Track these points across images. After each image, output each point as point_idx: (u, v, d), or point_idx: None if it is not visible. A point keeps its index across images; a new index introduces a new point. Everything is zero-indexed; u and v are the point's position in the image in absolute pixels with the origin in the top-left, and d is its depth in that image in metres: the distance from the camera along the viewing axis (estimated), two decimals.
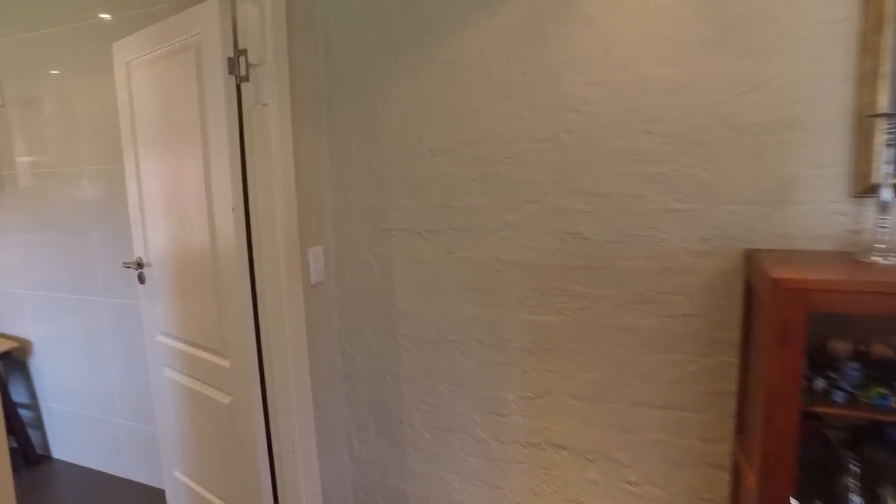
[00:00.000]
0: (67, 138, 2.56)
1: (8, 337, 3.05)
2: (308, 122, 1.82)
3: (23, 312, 2.96)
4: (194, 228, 1.89)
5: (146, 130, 2.04)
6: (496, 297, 1.74)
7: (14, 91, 2.66)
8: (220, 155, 1.68)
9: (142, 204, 2.14)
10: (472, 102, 1.68)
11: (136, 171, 2.13)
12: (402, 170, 1.81)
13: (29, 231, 2.82)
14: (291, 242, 1.75)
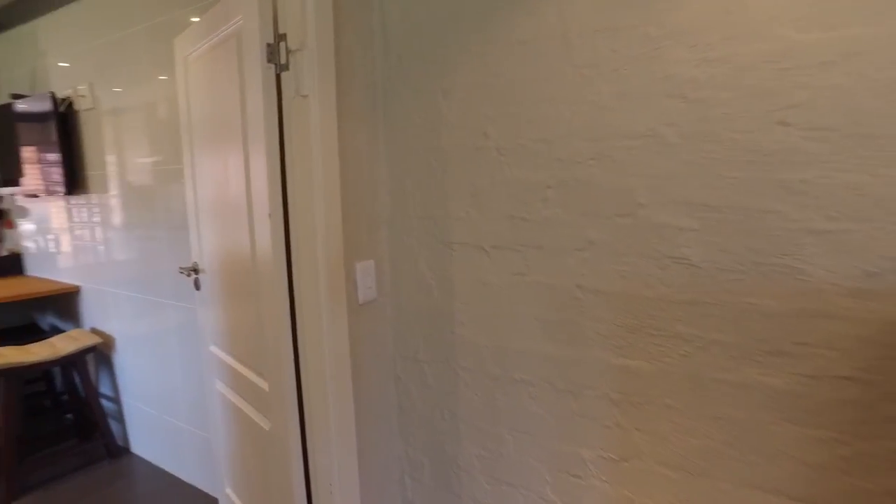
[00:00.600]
0: (147, 138, 2.53)
1: (97, 332, 3.13)
2: (359, 117, 1.58)
3: (108, 309, 3.01)
4: (237, 235, 1.72)
5: (198, 128, 1.91)
6: (574, 333, 1.40)
7: (104, 92, 2.68)
8: (258, 154, 1.49)
9: (196, 206, 2.02)
10: (548, 90, 1.35)
11: (192, 172, 2.02)
12: (465, 173, 1.52)
13: (113, 230, 2.85)
14: (334, 254, 1.52)
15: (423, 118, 1.58)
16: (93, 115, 2.78)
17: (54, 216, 3.29)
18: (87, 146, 2.87)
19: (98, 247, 2.99)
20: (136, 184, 2.59)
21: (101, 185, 2.83)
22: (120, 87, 2.57)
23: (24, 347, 2.84)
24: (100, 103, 2.71)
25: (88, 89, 2.75)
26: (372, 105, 1.63)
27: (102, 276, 3.01)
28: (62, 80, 2.95)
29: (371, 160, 1.64)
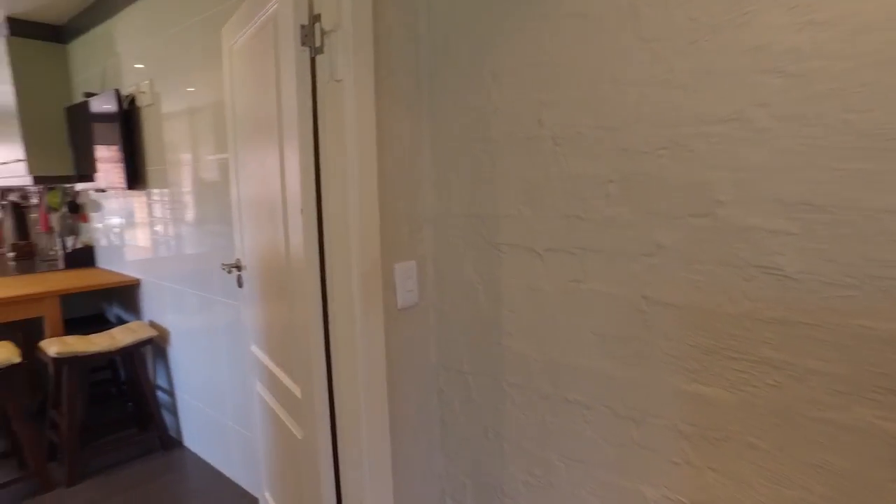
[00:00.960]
0: (202, 134, 2.51)
1: (154, 325, 3.18)
2: (401, 103, 1.45)
3: (164, 303, 3.05)
4: (273, 232, 1.63)
5: (240, 121, 1.84)
6: (639, 351, 1.21)
7: (163, 88, 2.69)
8: (291, 145, 1.38)
9: (239, 201, 1.96)
10: (612, 69, 1.17)
11: (235, 166, 1.96)
12: (516, 165, 1.36)
13: (169, 224, 2.87)
14: (370, 254, 1.39)
15: (471, 104, 1.42)
16: (153, 111, 2.80)
17: (118, 211, 3.38)
18: (148, 142, 2.91)
19: (156, 241, 3.03)
20: (191, 179, 2.58)
21: (161, 180, 2.85)
22: (177, 83, 2.57)
23: (87, 337, 2.90)
24: (159, 99, 2.73)
25: (149, 85, 2.78)
26: (415, 90, 1.49)
27: (159, 270, 3.05)
28: (127, 78, 3.00)
29: (413, 151, 1.50)
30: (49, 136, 3.55)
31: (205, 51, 2.33)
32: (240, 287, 2.08)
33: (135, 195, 3.14)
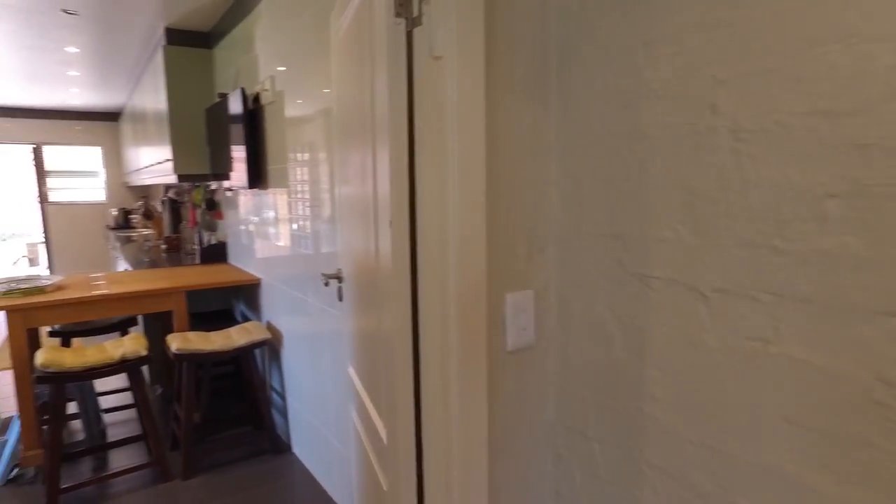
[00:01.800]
0: (322, 132, 2.38)
1: (271, 327, 3.16)
2: (519, 87, 1.13)
3: (278, 304, 3.00)
4: (365, 244, 1.39)
5: (341, 113, 1.64)
6: (869, 462, 0.78)
7: (284, 85, 2.62)
8: (382, 139, 1.13)
9: (340, 205, 1.76)
10: (826, 27, 0.75)
11: (338, 165, 1.76)
12: (675, 169, 0.97)
13: (285, 225, 2.81)
14: (473, 280, 1.09)
15: (615, 86, 1.06)
16: (275, 109, 2.75)
17: (245, 209, 3.42)
18: (270, 140, 2.87)
19: (272, 241, 2.99)
20: (307, 179, 2.47)
21: (281, 179, 2.79)
22: (298, 79, 2.46)
23: (207, 335, 2.93)
24: (282, 97, 2.65)
25: (270, 83, 2.72)
26: (539, 70, 1.15)
27: (275, 271, 3.01)
28: (253, 77, 3.00)
29: (535, 149, 1.17)
30: (192, 137, 3.71)
31: (323, 44, 2.18)
32: (340, 301, 1.89)
33: (256, 194, 3.14)
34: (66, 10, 3.37)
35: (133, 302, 2.94)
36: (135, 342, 2.70)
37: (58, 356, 2.51)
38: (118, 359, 2.59)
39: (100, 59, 4.55)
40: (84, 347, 2.71)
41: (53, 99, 6.47)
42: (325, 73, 2.16)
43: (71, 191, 7.68)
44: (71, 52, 4.27)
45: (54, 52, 4.29)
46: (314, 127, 2.32)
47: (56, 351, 2.57)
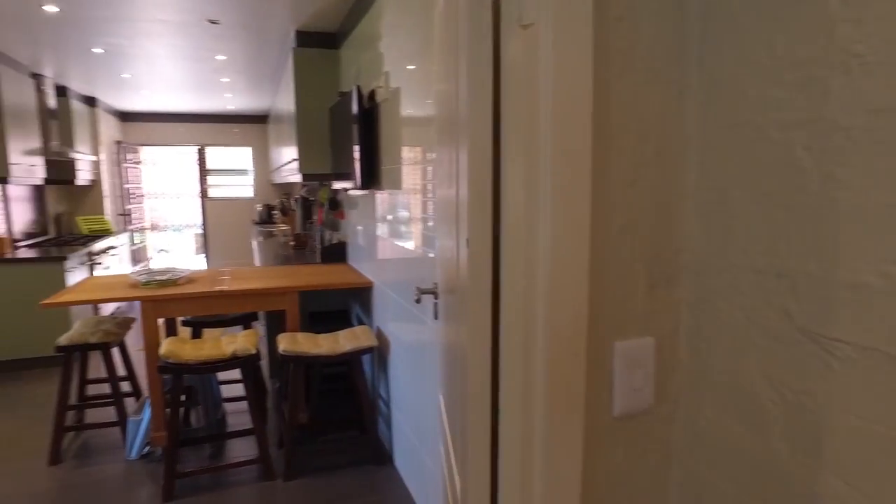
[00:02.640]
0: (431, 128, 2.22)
1: (380, 333, 3.07)
2: (642, 65, 0.83)
3: (387, 311, 2.89)
4: (449, 257, 1.17)
5: (435, 111, 1.43)
6: None
7: (400, 81, 2.48)
8: (463, 135, 0.90)
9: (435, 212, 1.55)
10: None
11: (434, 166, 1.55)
12: (885, 179, 0.62)
13: (396, 228, 2.68)
14: (569, 319, 0.82)
15: (788, 57, 0.73)
16: (389, 107, 2.63)
17: (361, 209, 3.37)
18: (385, 139, 2.76)
19: (383, 245, 2.89)
20: (419, 181, 2.31)
21: (394, 180, 2.67)
22: (412, 76, 2.31)
23: (316, 337, 2.91)
24: (397, 94, 2.53)
25: (385, 79, 2.61)
26: (673, 42, 0.84)
27: (385, 276, 2.90)
28: (370, 74, 2.91)
29: (662, 148, 0.86)
30: (317, 137, 3.75)
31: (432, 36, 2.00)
32: (436, 319, 1.69)
33: (370, 195, 3.06)
34: (210, 20, 3.56)
35: (249, 299, 3.00)
36: (246, 339, 2.74)
37: (177, 348, 2.61)
38: (230, 355, 2.63)
39: (245, 65, 4.83)
40: (204, 340, 2.81)
41: (212, 104, 7.09)
42: (426, 81, 1.98)
43: (226, 188, 8.41)
44: (220, 59, 4.57)
45: (207, 61, 4.62)
46: (428, 126, 2.15)
47: (177, 343, 2.68)
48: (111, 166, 7.04)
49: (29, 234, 5.29)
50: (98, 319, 3.17)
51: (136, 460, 2.93)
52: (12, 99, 4.42)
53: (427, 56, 2.08)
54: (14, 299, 4.26)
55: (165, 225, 9.17)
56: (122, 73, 5.06)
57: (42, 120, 5.03)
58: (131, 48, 4.17)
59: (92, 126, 6.40)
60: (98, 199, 6.60)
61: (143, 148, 8.06)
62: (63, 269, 4.38)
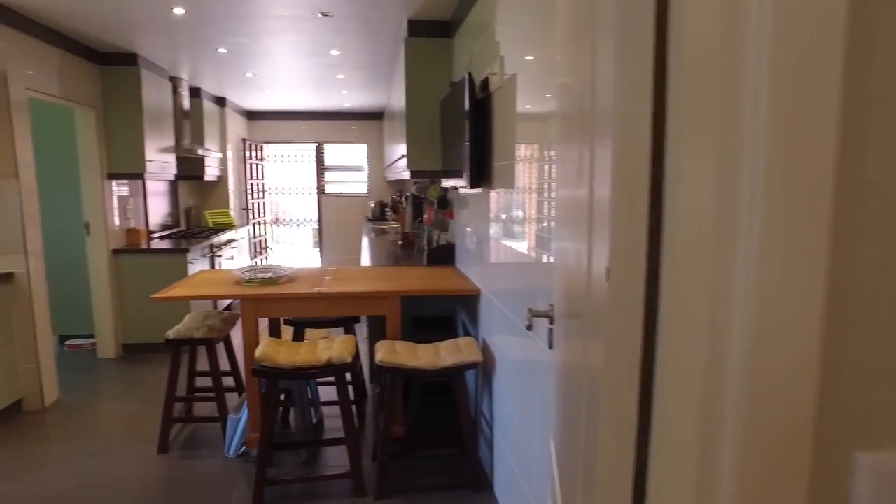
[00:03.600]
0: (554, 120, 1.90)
1: (485, 347, 2.79)
2: None
3: (494, 323, 2.61)
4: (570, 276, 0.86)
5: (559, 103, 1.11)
6: None
7: (516, 67, 2.19)
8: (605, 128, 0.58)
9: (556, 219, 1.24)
10: None
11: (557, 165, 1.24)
12: None
13: (509, 233, 2.39)
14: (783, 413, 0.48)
15: None
16: (504, 96, 2.34)
17: (471, 210, 3.12)
18: (498, 133, 2.47)
19: (493, 250, 2.61)
20: (536, 181, 2.00)
21: (507, 179, 2.38)
22: (531, 65, 2.01)
23: (415, 348, 2.70)
24: (513, 82, 2.23)
25: (500, 65, 2.32)
26: None
27: (493, 285, 2.62)
28: (483, 61, 2.64)
29: None
30: (427, 132, 3.55)
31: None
32: (550, 348, 1.38)
33: (479, 194, 2.79)
34: (322, 13, 3.48)
35: (348, 303, 2.85)
36: (343, 346, 2.59)
37: (272, 351, 2.51)
38: (325, 362, 2.49)
39: (359, 60, 4.77)
40: (300, 344, 2.70)
41: (330, 102, 7.22)
42: (550, 69, 1.66)
43: (341, 184, 8.59)
44: (334, 54, 4.54)
45: (322, 56, 4.61)
46: (547, 120, 1.84)
47: (273, 345, 2.59)
48: (237, 163, 7.42)
49: (164, 225, 5.66)
50: (206, 314, 3.20)
51: (234, 459, 2.90)
52: (152, 101, 4.70)
53: (548, 41, 1.76)
54: (144, 287, 4.51)
55: (286, 219, 9.59)
56: (245, 73, 5.22)
57: (176, 119, 5.33)
58: (252, 46, 4.24)
59: (221, 124, 6.75)
60: (224, 194, 6.97)
61: (267, 145, 8.45)
62: (185, 261, 4.58)
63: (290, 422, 3.35)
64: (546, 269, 1.76)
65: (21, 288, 3.45)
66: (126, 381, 4.10)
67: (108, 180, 4.49)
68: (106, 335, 4.50)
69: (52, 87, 3.85)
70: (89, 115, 4.31)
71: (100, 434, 3.24)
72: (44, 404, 3.57)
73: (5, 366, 3.39)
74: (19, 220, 3.40)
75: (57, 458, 2.95)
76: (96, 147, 4.35)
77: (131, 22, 3.66)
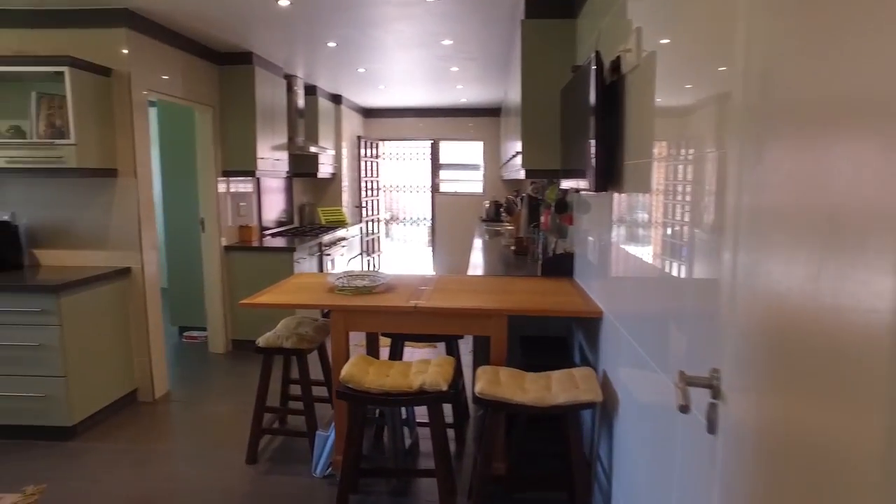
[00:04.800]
0: (714, 110, 1.43)
1: (606, 381, 2.32)
2: None
3: (619, 355, 2.13)
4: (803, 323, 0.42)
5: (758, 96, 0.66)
6: None
7: (657, 41, 1.72)
8: None
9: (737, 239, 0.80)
10: None
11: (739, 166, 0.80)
12: None
13: (644, 247, 1.92)
14: None
15: None
16: (639, 78, 1.86)
17: (594, 216, 2.65)
18: (631, 124, 2.00)
19: (621, 268, 2.13)
20: (683, 184, 1.53)
21: (641, 180, 1.91)
22: (674, 46, 1.53)
23: (522, 378, 2.29)
24: (651, 62, 1.76)
25: (634, 39, 1.84)
26: None
27: (617, 307, 2.15)
28: (613, 38, 2.16)
29: None
30: (544, 126, 3.12)
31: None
32: (711, 433, 0.93)
33: (607, 197, 2.32)
34: None
35: (448, 321, 2.51)
36: (439, 371, 2.25)
37: (360, 372, 2.24)
38: (416, 388, 2.17)
39: (472, 50, 4.44)
40: (391, 365, 2.40)
41: (446, 98, 6.97)
42: (723, 39, 1.17)
43: (456, 182, 8.34)
44: (446, 44, 4.24)
45: (434, 47, 4.33)
46: (699, 113, 1.36)
47: (361, 364, 2.31)
48: (351, 160, 7.42)
49: (279, 222, 5.73)
50: (299, 320, 3.03)
51: (320, 479, 2.69)
52: (265, 99, 4.70)
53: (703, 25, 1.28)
54: (252, 284, 4.52)
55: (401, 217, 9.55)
56: (357, 68, 5.09)
57: (290, 117, 5.34)
58: (361, 38, 4.06)
59: (336, 122, 6.76)
60: (337, 191, 6.98)
61: (382, 142, 8.42)
62: (292, 260, 4.53)
63: (383, 440, 3.10)
64: (701, 294, 1.28)
65: (136, 283, 3.52)
66: (231, 379, 4.11)
67: (223, 177, 4.55)
68: (217, 330, 4.57)
69: (176, 88, 3.92)
70: (207, 113, 4.38)
71: (197, 435, 3.19)
72: (154, 397, 3.64)
73: (123, 357, 3.48)
74: (136, 217, 3.47)
75: (154, 456, 2.92)
76: (211, 145, 4.42)
77: (242, 18, 3.60)
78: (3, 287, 2.97)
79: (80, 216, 3.51)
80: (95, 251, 3.52)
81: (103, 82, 3.32)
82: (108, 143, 3.36)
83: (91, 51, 3.32)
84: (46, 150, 3.12)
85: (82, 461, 2.86)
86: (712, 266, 1.17)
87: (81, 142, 3.12)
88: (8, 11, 3.35)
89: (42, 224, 3.55)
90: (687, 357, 1.32)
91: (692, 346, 1.29)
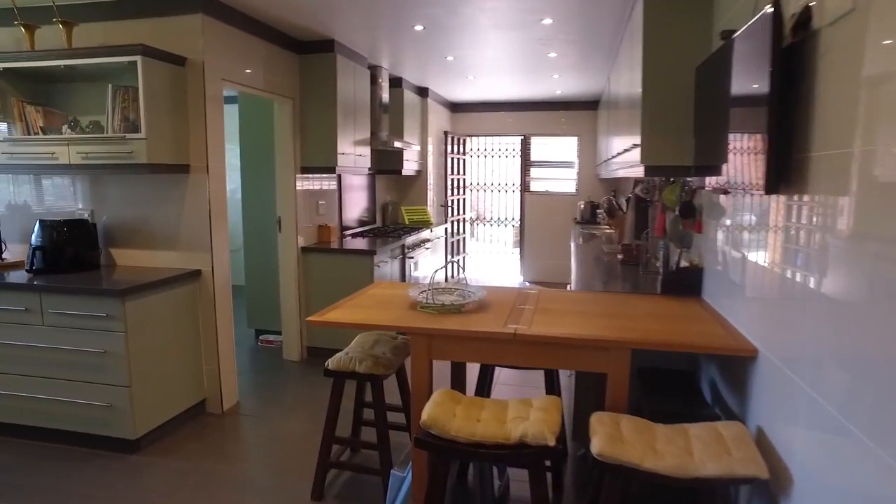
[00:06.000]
0: None
1: (762, 442, 1.75)
2: None
3: (794, 410, 1.56)
4: None
5: None
6: None
7: None
8: None
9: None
10: None
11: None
12: None
13: (841, 265, 1.34)
14: None
15: None
16: (842, 36, 1.30)
17: (746, 224, 2.06)
18: (821, 102, 1.43)
19: (800, 293, 1.55)
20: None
21: (836, 178, 1.34)
22: None
23: (653, 432, 1.77)
24: (864, 12, 1.19)
25: None
26: None
27: (790, 348, 1.57)
28: None
29: None
30: (670, 115, 2.56)
31: None
32: None
33: (779, 201, 1.74)
34: None
35: (556, 352, 2.02)
36: (543, 419, 1.78)
37: (444, 413, 1.80)
38: (515, 440, 1.71)
39: (575, 31, 3.90)
40: (483, 404, 1.95)
41: (540, 90, 6.44)
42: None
43: (547, 181, 7.78)
44: (546, 24, 3.73)
45: (531, 28, 3.84)
46: None
47: (447, 405, 1.88)
48: (437, 157, 7.05)
49: (361, 221, 5.45)
50: (376, 338, 2.65)
51: None
52: (347, 91, 4.40)
53: None
54: (329, 288, 4.24)
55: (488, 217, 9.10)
56: (446, 56, 4.68)
57: (373, 111, 5.03)
58: (451, 19, 3.63)
59: (422, 116, 6.41)
60: (422, 190, 6.63)
61: (470, 138, 7.99)
62: (372, 263, 4.19)
63: (467, 479, 2.66)
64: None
65: (206, 286, 3.29)
66: (303, 391, 3.82)
67: (302, 174, 4.29)
68: (292, 335, 4.32)
69: (254, 78, 3.68)
70: (286, 105, 4.13)
71: (263, 457, 2.90)
72: (223, 408, 3.40)
73: (191, 365, 3.27)
74: (208, 216, 3.24)
75: (217, 480, 2.65)
76: (291, 139, 4.16)
77: (324, 0, 3.28)
78: (70, 290, 2.80)
79: (153, 215, 3.33)
80: (167, 251, 3.33)
81: (177, 72, 3.11)
82: (180, 137, 3.14)
83: (168, 40, 3.12)
84: (118, 145, 2.94)
85: (142, 480, 2.64)
86: None
87: (152, 135, 2.91)
88: (94, 4, 3.23)
89: (118, 223, 3.41)
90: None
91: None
